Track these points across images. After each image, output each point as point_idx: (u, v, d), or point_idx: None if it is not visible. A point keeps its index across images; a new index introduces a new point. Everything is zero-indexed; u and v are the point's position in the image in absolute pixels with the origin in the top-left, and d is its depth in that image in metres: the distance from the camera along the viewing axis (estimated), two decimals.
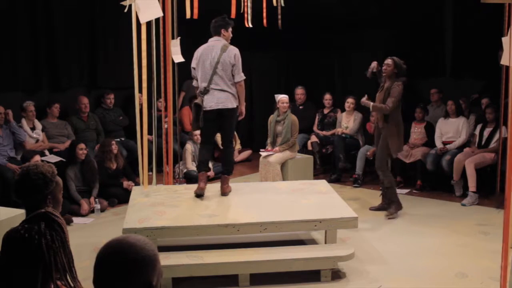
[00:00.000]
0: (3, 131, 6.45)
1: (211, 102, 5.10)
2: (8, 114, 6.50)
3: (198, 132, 7.91)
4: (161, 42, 5.88)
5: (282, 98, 7.17)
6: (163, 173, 6.29)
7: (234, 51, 5.11)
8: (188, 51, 6.76)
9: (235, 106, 5.17)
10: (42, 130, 7.03)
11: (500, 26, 5.62)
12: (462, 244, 5.24)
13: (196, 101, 5.24)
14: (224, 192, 5.29)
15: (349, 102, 8.06)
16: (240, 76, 5.14)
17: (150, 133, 5.80)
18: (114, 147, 6.78)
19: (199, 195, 5.19)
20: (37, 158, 6.13)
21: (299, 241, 5.00)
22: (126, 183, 6.78)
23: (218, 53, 5.06)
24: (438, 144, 7.28)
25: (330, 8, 8.90)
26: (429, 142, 7.44)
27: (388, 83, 6.01)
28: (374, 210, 6.33)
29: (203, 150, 5.45)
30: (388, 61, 6.04)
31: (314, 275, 4.40)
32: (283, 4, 6.29)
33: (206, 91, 5.11)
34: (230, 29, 5.22)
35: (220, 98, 5.10)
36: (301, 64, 9.78)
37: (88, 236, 5.46)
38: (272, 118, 7.29)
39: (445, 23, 8.54)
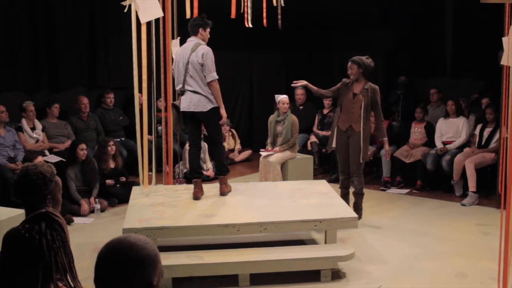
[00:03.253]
0: (5, 132, 6.46)
1: (184, 103, 5.06)
2: None
3: None
4: (161, 42, 5.88)
5: (283, 99, 7.16)
6: (163, 173, 6.29)
7: (202, 50, 4.96)
8: None
9: (209, 109, 5.00)
10: (42, 130, 7.03)
11: (500, 26, 5.62)
12: (462, 244, 5.24)
13: (174, 102, 5.23)
14: (222, 192, 5.28)
15: None
16: (211, 76, 4.94)
17: (150, 133, 5.80)
18: (111, 148, 6.74)
19: (196, 199, 5.18)
20: (40, 159, 6.13)
21: (299, 241, 5.00)
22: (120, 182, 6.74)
23: (188, 53, 4.99)
24: (438, 144, 7.28)
25: (330, 8, 8.91)
26: (429, 142, 7.44)
27: (359, 87, 5.82)
28: None
29: (190, 155, 5.38)
30: (349, 64, 5.85)
31: (314, 275, 4.40)
32: (283, 4, 6.29)
33: (182, 92, 5.07)
34: (208, 29, 5.13)
35: (192, 100, 5.02)
36: (301, 64, 9.78)
37: (88, 236, 5.46)
38: (272, 118, 7.29)
39: (445, 23, 8.54)
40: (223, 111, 5.06)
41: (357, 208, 5.90)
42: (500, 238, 3.81)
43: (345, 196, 5.90)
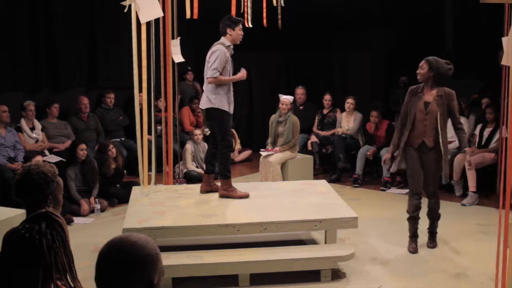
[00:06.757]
0: (6, 132, 6.46)
1: None
2: None
3: (198, 132, 7.94)
4: (161, 42, 5.88)
5: (283, 99, 7.16)
6: (163, 173, 6.29)
7: (213, 48, 5.03)
8: (188, 51, 6.78)
9: (206, 108, 5.06)
10: (42, 130, 7.03)
11: (500, 26, 5.62)
12: (462, 244, 5.24)
13: None
14: (220, 194, 5.25)
15: (349, 102, 8.06)
16: (209, 73, 4.92)
17: (150, 133, 5.80)
18: (111, 152, 6.71)
19: (201, 192, 5.37)
20: (39, 158, 6.13)
21: (299, 241, 5.00)
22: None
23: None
24: None
25: (330, 8, 8.91)
26: None
27: (432, 95, 4.93)
28: (415, 251, 5.09)
29: (207, 150, 5.68)
30: (421, 63, 4.95)
31: (314, 275, 4.40)
32: (283, 4, 6.29)
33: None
34: (237, 28, 5.06)
35: (202, 96, 5.25)
36: (301, 64, 9.78)
37: (88, 236, 5.45)
38: (273, 118, 7.28)
39: (445, 23, 8.54)
40: (240, 75, 5.08)
41: (433, 231, 5.21)
42: (498, 237, 3.81)
43: (415, 227, 5.13)
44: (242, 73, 5.10)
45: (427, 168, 5.00)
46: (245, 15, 6.19)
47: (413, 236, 5.15)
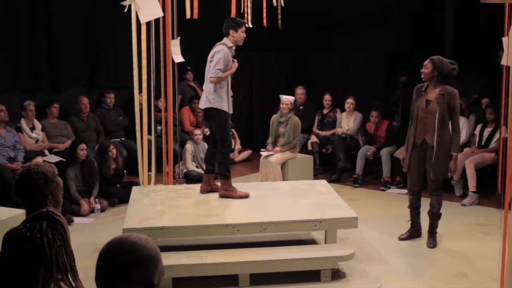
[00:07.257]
0: (6, 132, 6.46)
1: None
2: None
3: (198, 132, 7.94)
4: (161, 42, 5.88)
5: (283, 99, 7.16)
6: (163, 173, 6.29)
7: (215, 48, 5.05)
8: (188, 51, 6.78)
9: (205, 108, 5.09)
10: (42, 130, 7.03)
11: (500, 26, 5.62)
12: (462, 244, 5.24)
13: None
14: (220, 194, 5.26)
15: (349, 102, 8.06)
16: (214, 72, 4.90)
17: (150, 133, 5.80)
18: (112, 153, 6.71)
19: (201, 192, 5.36)
20: (39, 159, 6.14)
21: (299, 241, 5.00)
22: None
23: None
24: None
25: (330, 8, 8.91)
26: None
27: (434, 93, 4.98)
28: (403, 239, 5.38)
29: (207, 150, 5.67)
30: (425, 62, 5.02)
31: (314, 275, 4.40)
32: (283, 4, 6.30)
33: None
34: (240, 30, 5.07)
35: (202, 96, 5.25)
36: (301, 64, 9.78)
37: (88, 236, 5.46)
38: (274, 118, 7.28)
39: (445, 23, 8.54)
40: (233, 70, 5.07)
41: (433, 230, 5.24)
42: (503, 237, 3.81)
43: (416, 217, 5.36)
44: (235, 65, 5.11)
45: (428, 165, 5.10)
46: (245, 15, 6.19)
47: (412, 225, 5.36)
